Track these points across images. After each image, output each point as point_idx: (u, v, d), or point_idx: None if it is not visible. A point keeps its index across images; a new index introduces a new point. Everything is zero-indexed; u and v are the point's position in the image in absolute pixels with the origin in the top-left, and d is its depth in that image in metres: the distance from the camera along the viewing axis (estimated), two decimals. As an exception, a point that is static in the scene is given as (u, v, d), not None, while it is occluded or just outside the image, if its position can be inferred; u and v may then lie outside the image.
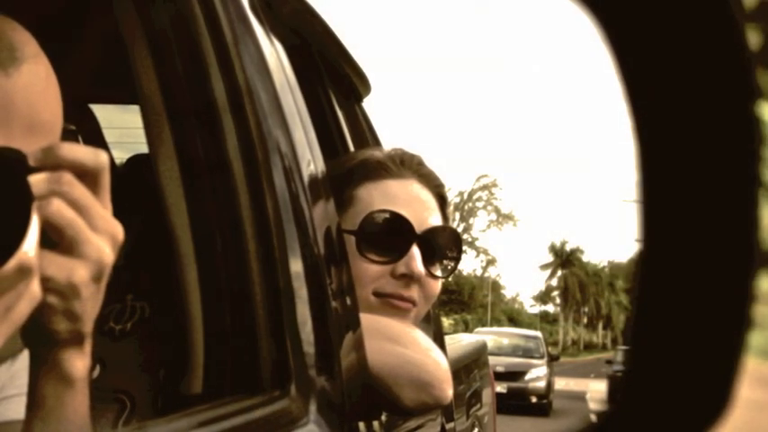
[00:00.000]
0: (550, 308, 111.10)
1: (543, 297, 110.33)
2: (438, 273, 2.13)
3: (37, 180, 1.03)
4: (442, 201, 2.19)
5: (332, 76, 2.84)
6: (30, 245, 1.00)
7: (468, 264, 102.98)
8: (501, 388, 25.41)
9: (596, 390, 38.84)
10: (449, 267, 2.16)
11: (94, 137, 2.99)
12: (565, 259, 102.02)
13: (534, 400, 29.81)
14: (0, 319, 1.01)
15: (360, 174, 2.14)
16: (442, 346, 2.67)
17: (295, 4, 2.41)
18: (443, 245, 2.13)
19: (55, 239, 1.04)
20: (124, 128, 3.33)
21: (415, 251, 2.07)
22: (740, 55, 1.21)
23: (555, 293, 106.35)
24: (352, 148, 2.69)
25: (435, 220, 2.14)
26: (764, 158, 1.19)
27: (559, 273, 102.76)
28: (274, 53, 1.79)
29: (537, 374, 30.48)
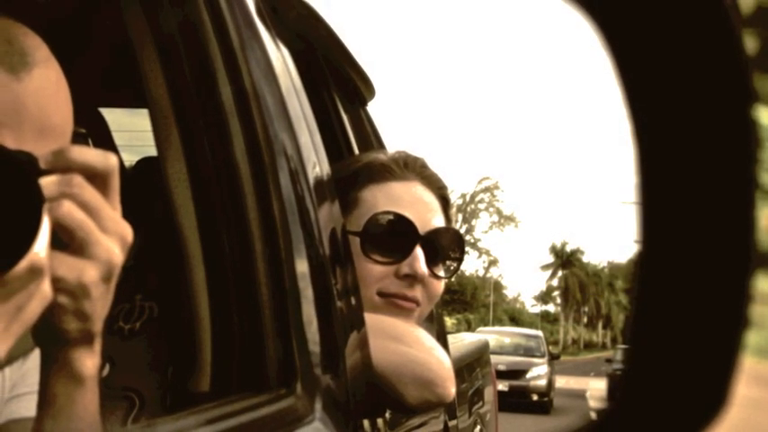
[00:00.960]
0: (551, 308, 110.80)
1: (544, 297, 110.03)
2: (441, 273, 2.14)
3: (48, 182, 1.05)
4: (444, 202, 2.19)
5: (337, 80, 2.85)
6: (41, 246, 1.02)
7: (471, 264, 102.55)
8: (503, 386, 25.34)
9: (596, 388, 38.74)
10: (451, 268, 2.17)
11: (104, 140, 2.98)
12: (565, 260, 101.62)
13: (535, 398, 29.77)
14: (12, 319, 1.02)
15: (364, 176, 2.15)
16: (444, 345, 2.68)
17: (300, 9, 2.42)
18: (446, 246, 2.14)
19: (65, 240, 1.06)
20: (133, 131, 3.34)
21: (419, 252, 2.08)
22: (738, 59, 1.22)
23: (556, 293, 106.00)
24: (356, 151, 2.71)
25: (438, 221, 2.15)
26: (762, 161, 1.20)
27: (560, 273, 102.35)
28: (280, 57, 1.81)
29: (538, 373, 30.44)
